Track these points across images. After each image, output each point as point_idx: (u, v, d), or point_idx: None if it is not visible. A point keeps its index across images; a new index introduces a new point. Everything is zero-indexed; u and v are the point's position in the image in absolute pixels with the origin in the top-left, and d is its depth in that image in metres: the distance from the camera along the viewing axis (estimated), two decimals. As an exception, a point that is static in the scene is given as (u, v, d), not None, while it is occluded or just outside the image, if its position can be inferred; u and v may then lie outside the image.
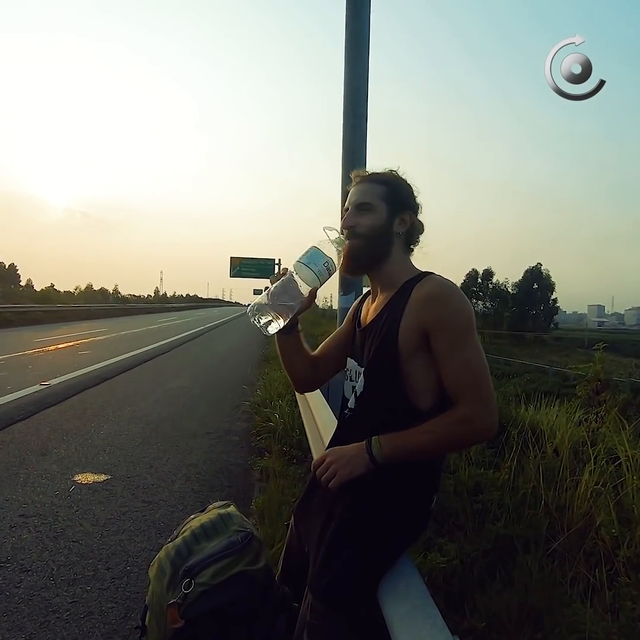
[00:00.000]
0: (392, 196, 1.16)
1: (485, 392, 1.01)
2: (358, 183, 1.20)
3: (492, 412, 1.01)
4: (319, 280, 1.14)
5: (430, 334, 1.04)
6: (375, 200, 1.15)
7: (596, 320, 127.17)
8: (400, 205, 1.17)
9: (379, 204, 1.15)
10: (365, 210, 1.15)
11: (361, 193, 1.17)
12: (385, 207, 1.15)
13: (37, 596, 2.02)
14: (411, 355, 1.05)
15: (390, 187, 1.17)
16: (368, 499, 1.08)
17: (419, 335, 1.05)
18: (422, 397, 1.06)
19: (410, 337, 1.05)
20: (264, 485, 3.27)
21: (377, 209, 1.15)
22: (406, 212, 1.17)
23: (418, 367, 1.06)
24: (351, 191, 1.21)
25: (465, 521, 2.39)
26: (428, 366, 1.05)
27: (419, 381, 1.06)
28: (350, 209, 1.18)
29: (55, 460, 3.64)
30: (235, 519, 1.24)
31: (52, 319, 21.26)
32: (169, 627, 1.06)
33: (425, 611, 0.89)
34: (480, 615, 1.78)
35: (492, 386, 1.03)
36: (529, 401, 4.97)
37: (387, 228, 1.16)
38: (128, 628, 1.85)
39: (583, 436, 3.02)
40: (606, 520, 2.08)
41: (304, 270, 1.13)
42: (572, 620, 1.62)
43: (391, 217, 1.16)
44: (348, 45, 3.63)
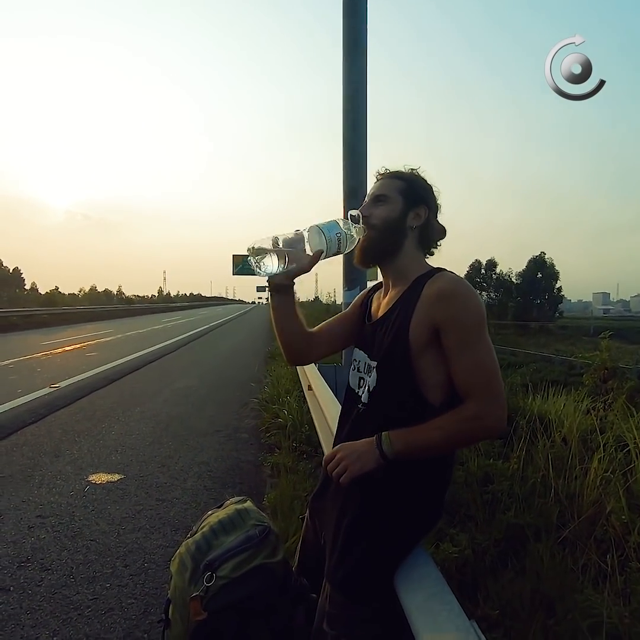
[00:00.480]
0: (409, 190, 1.18)
1: (495, 390, 1.02)
2: (378, 180, 1.23)
3: (501, 409, 1.02)
4: (327, 246, 1.12)
5: (441, 331, 1.05)
6: (392, 193, 1.17)
7: (601, 307, 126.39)
8: (415, 199, 1.18)
9: (395, 196, 1.17)
10: (381, 202, 1.18)
11: (379, 187, 1.20)
12: (401, 200, 1.17)
13: (59, 594, 2.07)
14: (422, 351, 1.07)
15: (407, 182, 1.19)
16: (381, 492, 1.10)
17: (430, 332, 1.06)
18: (434, 393, 1.07)
19: (421, 333, 1.06)
20: (275, 481, 3.31)
21: (392, 201, 1.17)
22: (421, 207, 1.18)
23: (429, 363, 1.07)
24: (373, 187, 1.24)
25: (476, 511, 2.41)
26: (439, 362, 1.06)
27: (430, 376, 1.07)
28: (367, 200, 1.21)
29: (68, 462, 3.69)
30: (252, 514, 1.27)
31: (58, 322, 21.39)
32: (192, 620, 1.09)
33: (441, 598, 0.91)
34: (493, 603, 1.80)
35: (502, 383, 1.04)
36: (536, 391, 4.98)
37: (401, 220, 1.17)
38: (148, 623, 1.89)
39: (591, 424, 3.03)
40: (616, 507, 2.10)
41: (315, 233, 1.11)
42: (584, 606, 1.65)
43: (406, 210, 1.17)
44: (345, 42, 3.63)
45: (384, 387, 1.13)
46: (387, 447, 1.04)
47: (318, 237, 1.12)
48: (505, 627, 1.73)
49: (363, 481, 1.09)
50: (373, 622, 1.07)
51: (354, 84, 3.59)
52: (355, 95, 3.59)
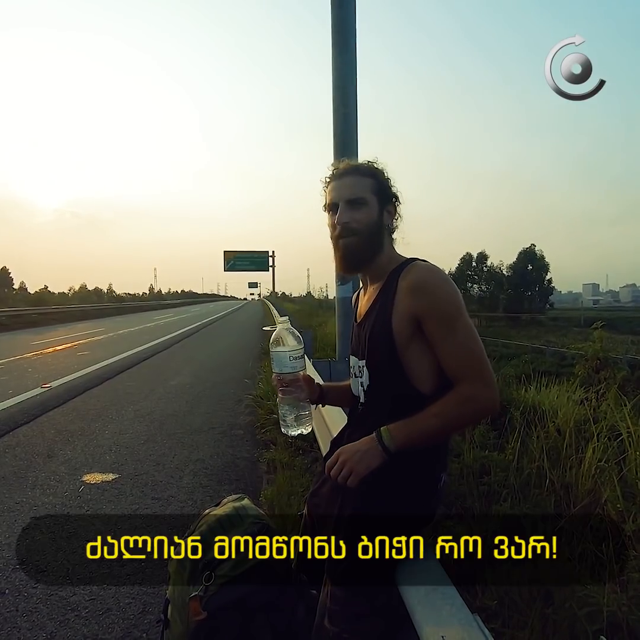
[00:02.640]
0: (380, 189, 1.16)
1: (484, 370, 1.03)
2: (342, 176, 1.17)
3: (493, 388, 1.04)
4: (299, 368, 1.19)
5: (421, 321, 1.05)
6: (367, 194, 1.14)
7: (591, 298, 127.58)
8: (387, 197, 1.17)
9: (371, 198, 1.14)
10: (359, 205, 1.13)
11: (351, 187, 1.14)
12: (376, 201, 1.14)
13: (55, 595, 2.05)
14: (408, 343, 1.07)
15: (377, 180, 1.16)
16: (379, 485, 1.09)
17: (412, 323, 1.06)
18: (426, 383, 1.08)
19: (403, 325, 1.07)
20: (271, 477, 3.30)
21: (369, 203, 1.14)
22: (391, 204, 1.17)
23: (416, 353, 1.07)
24: (336, 185, 1.17)
25: (472, 503, 2.42)
26: (425, 352, 1.07)
27: (420, 367, 1.07)
28: (341, 204, 1.14)
29: (62, 462, 3.66)
30: (251, 511, 1.26)
31: (48, 321, 21.17)
32: (191, 620, 1.08)
33: (443, 592, 0.91)
34: (491, 594, 1.81)
35: (488, 363, 1.05)
36: (529, 382, 5.00)
37: (380, 222, 1.15)
38: (147, 622, 1.88)
39: (585, 414, 3.05)
40: (611, 495, 2.11)
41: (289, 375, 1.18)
42: (581, 594, 1.66)
43: (381, 209, 1.15)
44: (334, 34, 3.60)
45: (376, 383, 1.13)
46: (389, 441, 1.04)
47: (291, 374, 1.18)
48: (503, 617, 1.74)
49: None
50: (376, 616, 1.07)
51: (344, 76, 3.57)
52: (345, 88, 3.57)
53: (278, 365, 1.17)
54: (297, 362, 1.17)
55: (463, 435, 3.06)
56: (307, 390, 1.21)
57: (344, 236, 1.14)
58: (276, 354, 1.17)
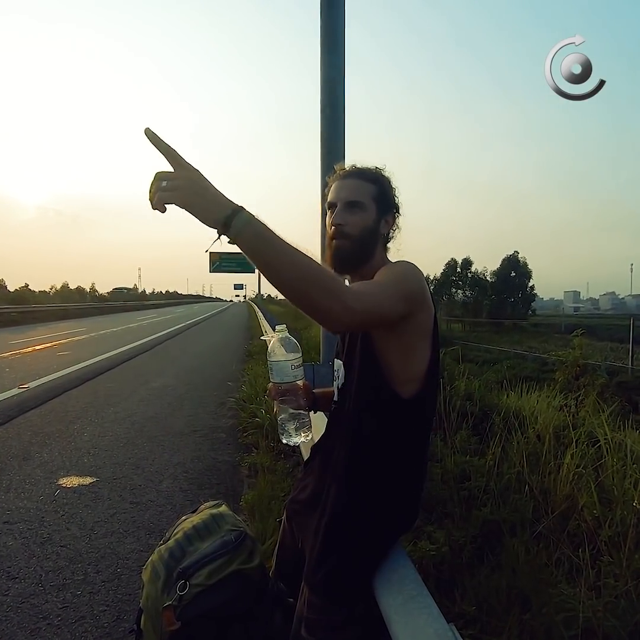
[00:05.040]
0: (382, 197, 1.14)
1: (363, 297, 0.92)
2: (346, 177, 1.15)
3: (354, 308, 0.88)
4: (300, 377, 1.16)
5: None
6: (366, 199, 1.12)
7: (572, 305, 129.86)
8: (387, 206, 1.15)
9: (370, 204, 1.12)
10: (357, 209, 1.11)
11: (352, 190, 1.12)
12: (375, 208, 1.13)
13: (27, 603, 2.00)
14: (383, 340, 1.05)
15: (380, 187, 1.14)
16: (358, 491, 1.09)
17: None
18: (404, 385, 1.05)
19: None
20: (252, 481, 3.27)
21: (367, 209, 1.12)
22: (391, 214, 1.16)
23: (391, 353, 1.05)
24: (337, 185, 1.15)
25: (453, 508, 2.43)
26: (402, 351, 1.04)
27: (395, 366, 1.05)
28: (339, 205, 1.13)
29: (38, 465, 3.57)
30: (228, 519, 1.24)
31: (28, 320, 20.74)
32: (165, 630, 1.06)
33: (420, 601, 0.90)
34: (470, 600, 1.82)
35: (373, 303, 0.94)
36: (511, 387, 5.07)
37: (375, 229, 1.13)
38: (121, 631, 1.84)
39: (564, 420, 3.10)
40: (588, 501, 2.14)
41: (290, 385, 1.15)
42: (558, 600, 1.68)
43: (379, 218, 1.13)
44: (323, 35, 3.59)
45: (350, 380, 1.12)
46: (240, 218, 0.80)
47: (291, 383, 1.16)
48: (482, 623, 1.74)
49: (342, 481, 1.07)
50: (354, 624, 1.06)
51: (332, 78, 3.56)
52: (332, 90, 3.56)
53: (279, 375, 1.13)
54: (298, 370, 1.14)
55: (445, 440, 3.08)
56: (305, 398, 1.19)
57: (337, 238, 1.12)
58: (276, 363, 1.13)
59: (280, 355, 1.13)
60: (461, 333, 32.89)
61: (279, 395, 1.15)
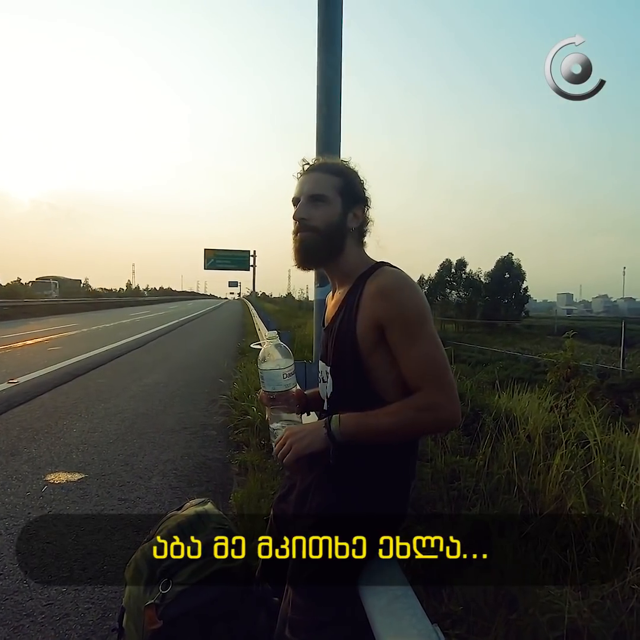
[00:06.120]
0: (347, 189, 1.12)
1: (445, 381, 0.99)
2: (310, 171, 1.14)
3: (453, 400, 0.99)
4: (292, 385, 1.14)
5: (385, 328, 1.02)
6: (330, 192, 1.10)
7: (565, 308, 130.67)
8: (354, 199, 1.13)
9: (334, 197, 1.10)
10: (320, 202, 1.10)
11: (315, 183, 1.11)
12: (340, 201, 1.11)
13: (10, 600, 1.97)
14: (372, 350, 1.04)
15: (345, 180, 1.12)
16: (345, 491, 1.08)
17: (375, 330, 1.03)
18: (392, 393, 1.05)
19: (367, 332, 1.04)
20: (242, 479, 3.26)
21: (331, 202, 1.10)
22: (359, 207, 1.14)
23: (380, 362, 1.05)
24: (301, 179, 1.14)
25: (442, 508, 2.43)
26: (390, 360, 1.04)
27: (385, 376, 1.05)
28: (302, 199, 1.11)
29: (25, 460, 3.54)
30: (213, 517, 1.23)
31: (20, 315, 20.56)
32: (146, 629, 1.04)
33: (405, 602, 0.90)
34: (457, 600, 1.82)
35: (452, 375, 1.01)
36: (503, 388, 5.08)
37: (341, 223, 1.11)
38: (106, 628, 1.82)
39: (554, 422, 3.11)
40: (576, 502, 2.15)
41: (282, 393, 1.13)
42: (545, 601, 1.68)
43: (345, 211, 1.11)
44: (320, 34, 3.58)
45: (339, 390, 1.11)
46: (336, 427, 1.02)
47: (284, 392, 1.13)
48: (468, 623, 1.74)
49: (328, 481, 1.06)
50: (337, 624, 1.05)
51: (328, 78, 3.55)
52: (329, 89, 3.55)
53: (270, 384, 1.11)
54: (290, 379, 1.12)
55: (435, 440, 3.08)
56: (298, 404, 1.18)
57: (300, 231, 1.10)
58: (267, 372, 1.11)
59: (272, 363, 1.11)
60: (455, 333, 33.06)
61: (271, 402, 1.14)
